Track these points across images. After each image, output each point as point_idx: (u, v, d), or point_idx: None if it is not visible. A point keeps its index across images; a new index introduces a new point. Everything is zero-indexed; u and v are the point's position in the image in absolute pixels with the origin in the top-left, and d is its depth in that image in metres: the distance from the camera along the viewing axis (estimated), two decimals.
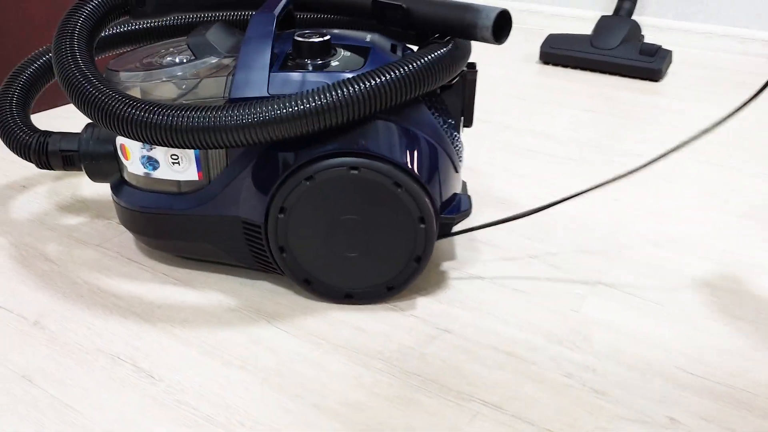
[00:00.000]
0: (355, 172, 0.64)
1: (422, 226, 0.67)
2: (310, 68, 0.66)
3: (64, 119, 1.19)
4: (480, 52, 1.59)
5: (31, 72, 0.84)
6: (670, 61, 1.47)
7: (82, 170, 0.78)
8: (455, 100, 0.74)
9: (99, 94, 0.62)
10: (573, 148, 1.10)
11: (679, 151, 0.70)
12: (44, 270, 0.77)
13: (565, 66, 1.51)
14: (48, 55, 0.86)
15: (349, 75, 0.64)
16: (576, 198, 0.81)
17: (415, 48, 0.76)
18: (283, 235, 0.68)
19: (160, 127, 0.60)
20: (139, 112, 0.61)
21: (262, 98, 0.63)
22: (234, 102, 0.64)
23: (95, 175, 0.77)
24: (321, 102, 0.60)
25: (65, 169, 0.79)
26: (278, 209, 0.66)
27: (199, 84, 0.67)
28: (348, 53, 0.69)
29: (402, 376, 0.62)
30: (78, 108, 0.64)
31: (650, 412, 0.58)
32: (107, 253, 0.80)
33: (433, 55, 0.65)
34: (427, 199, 0.66)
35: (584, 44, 1.49)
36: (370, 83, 0.61)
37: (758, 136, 1.16)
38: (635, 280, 0.76)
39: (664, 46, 1.47)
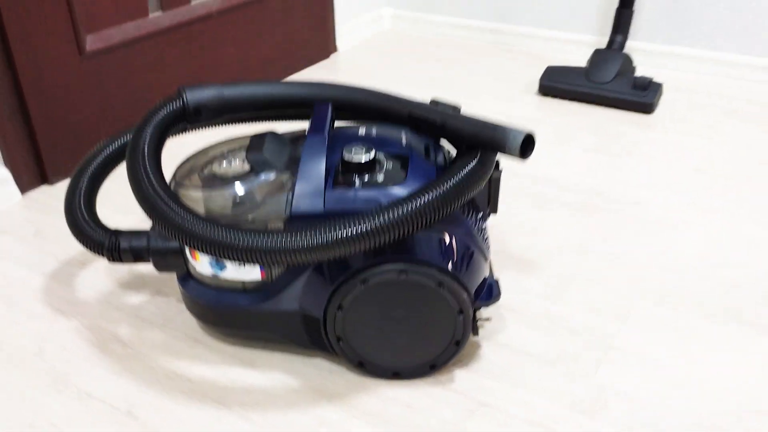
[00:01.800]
0: (404, 275, 0.74)
1: (461, 316, 0.77)
2: (359, 184, 0.76)
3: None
4: (480, 84, 1.68)
5: (95, 166, 0.92)
6: (661, 93, 1.56)
7: (149, 263, 0.87)
8: (483, 195, 0.84)
9: (176, 217, 0.71)
10: (582, 195, 1.20)
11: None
12: (120, 354, 0.87)
13: (563, 98, 1.60)
14: (108, 148, 0.94)
15: (397, 189, 0.74)
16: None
17: (444, 142, 0.85)
18: (341, 327, 0.78)
19: (232, 247, 0.69)
20: (213, 234, 0.69)
21: (319, 216, 0.73)
22: (294, 219, 0.74)
23: (163, 268, 0.87)
24: (374, 224, 0.69)
25: (134, 263, 0.88)
26: (336, 307, 0.76)
27: (261, 201, 0.76)
28: (390, 164, 0.78)
29: None
30: (156, 226, 0.73)
31: None
32: (174, 334, 0.90)
33: (469, 172, 0.74)
34: (464, 295, 0.76)
35: (581, 78, 1.58)
36: (416, 205, 0.70)
37: (760, 181, 1.26)
38: (648, 340, 0.87)
39: (655, 72, 1.56)
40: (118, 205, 1.15)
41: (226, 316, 0.83)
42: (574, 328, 0.90)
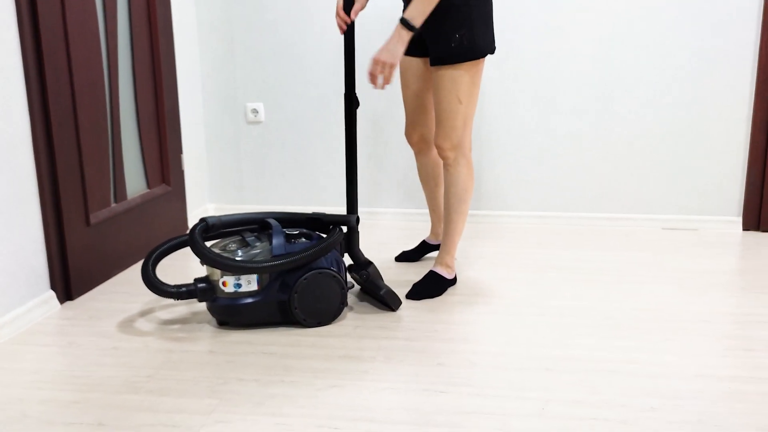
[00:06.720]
0: (320, 274, 1.88)
1: (342, 291, 1.92)
2: (294, 242, 1.90)
3: (116, 293, 2.17)
4: None
5: (156, 255, 1.91)
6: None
7: (196, 298, 1.87)
8: (339, 245, 2.03)
9: (221, 260, 1.78)
10: None
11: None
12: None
13: None
14: (161, 248, 1.93)
15: (309, 243, 1.90)
16: None
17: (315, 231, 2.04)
18: (296, 302, 1.87)
19: (252, 269, 1.78)
20: (246, 265, 1.77)
21: (287, 254, 1.85)
22: (275, 257, 1.85)
23: (203, 299, 1.87)
24: (309, 254, 1.83)
25: (187, 299, 1.87)
26: (294, 292, 1.86)
27: (258, 254, 1.86)
28: (303, 236, 1.94)
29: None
30: (210, 266, 1.78)
31: None
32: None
33: (338, 234, 1.94)
34: (343, 282, 1.92)
35: None
36: (322, 246, 1.87)
37: None
38: None
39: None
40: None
41: (240, 310, 1.86)
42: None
